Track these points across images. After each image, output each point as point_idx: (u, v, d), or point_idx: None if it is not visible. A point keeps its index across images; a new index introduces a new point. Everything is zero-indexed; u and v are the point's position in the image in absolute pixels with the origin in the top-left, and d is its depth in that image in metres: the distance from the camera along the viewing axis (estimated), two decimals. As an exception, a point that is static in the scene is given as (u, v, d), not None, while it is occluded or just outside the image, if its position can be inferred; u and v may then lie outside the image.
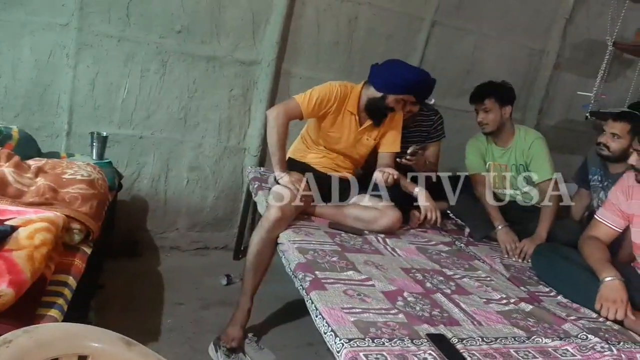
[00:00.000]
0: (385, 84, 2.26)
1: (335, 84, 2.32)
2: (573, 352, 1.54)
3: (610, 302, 1.78)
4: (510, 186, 2.70)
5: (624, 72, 3.90)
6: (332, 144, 2.41)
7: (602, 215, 2.06)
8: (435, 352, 1.38)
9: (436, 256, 2.17)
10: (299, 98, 2.25)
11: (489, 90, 2.55)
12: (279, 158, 2.21)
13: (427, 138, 2.78)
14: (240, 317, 2.06)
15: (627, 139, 2.37)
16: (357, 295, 1.63)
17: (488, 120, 2.55)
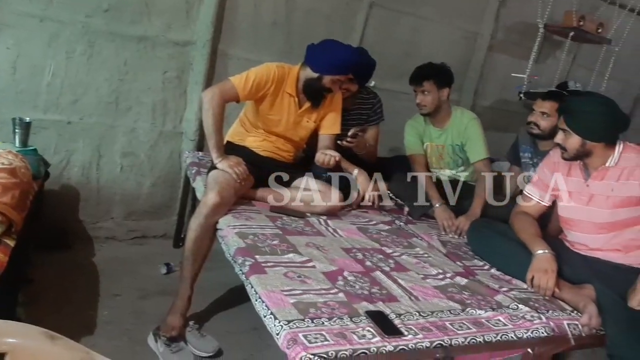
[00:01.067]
0: (321, 64, 2.24)
1: (272, 65, 2.27)
2: (505, 322, 1.61)
3: (542, 273, 1.87)
4: (447, 166, 2.77)
5: (554, 53, 4.08)
6: (271, 127, 2.37)
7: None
8: (374, 328, 1.41)
9: (376, 235, 2.20)
10: (235, 80, 2.19)
11: (428, 72, 2.59)
12: (215, 141, 2.15)
13: (366, 121, 2.79)
14: (180, 305, 2.01)
15: (555, 117, 2.46)
16: (298, 277, 1.63)
17: (426, 102, 2.59)
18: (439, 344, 1.42)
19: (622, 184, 1.83)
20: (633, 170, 1.81)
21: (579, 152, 1.89)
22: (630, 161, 1.83)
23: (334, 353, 1.27)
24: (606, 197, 1.87)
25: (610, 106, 1.87)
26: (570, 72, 4.18)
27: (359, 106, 2.75)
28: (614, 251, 1.91)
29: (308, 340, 1.28)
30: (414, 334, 1.42)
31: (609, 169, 1.87)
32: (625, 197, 1.83)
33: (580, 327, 1.70)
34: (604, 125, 1.84)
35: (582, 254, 1.98)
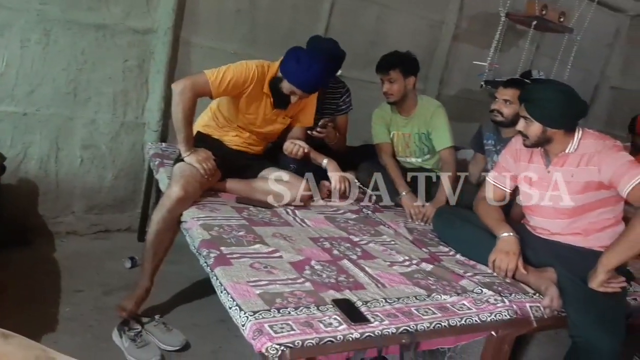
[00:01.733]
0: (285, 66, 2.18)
1: (252, 65, 2.17)
2: (469, 306, 1.63)
3: (503, 255, 1.91)
4: (413, 154, 2.79)
5: (517, 42, 4.14)
6: (247, 125, 2.32)
7: (493, 177, 2.18)
8: (340, 316, 1.41)
9: (344, 224, 2.20)
10: (211, 75, 2.08)
11: (394, 61, 2.58)
12: (185, 136, 2.08)
13: (336, 110, 2.79)
14: (138, 293, 2.00)
15: (517, 104, 2.50)
16: (264, 267, 1.61)
17: (393, 90, 2.60)
18: (405, 330, 1.43)
19: (581, 170, 1.88)
20: (592, 157, 1.85)
21: (540, 139, 1.92)
22: (589, 147, 1.87)
23: (300, 342, 1.26)
24: (566, 183, 1.92)
25: (569, 94, 1.89)
26: (534, 61, 4.26)
27: (329, 96, 2.75)
28: (574, 235, 1.96)
29: (274, 330, 1.27)
30: (380, 321, 1.43)
31: (569, 156, 1.91)
32: (584, 182, 1.87)
33: (542, 309, 1.74)
34: (563, 113, 1.87)
35: (544, 238, 2.03)
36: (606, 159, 1.81)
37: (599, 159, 1.83)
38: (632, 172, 1.74)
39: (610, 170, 1.78)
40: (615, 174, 1.77)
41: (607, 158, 1.81)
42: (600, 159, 1.82)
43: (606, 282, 1.73)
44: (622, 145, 1.90)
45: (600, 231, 1.93)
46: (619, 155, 1.81)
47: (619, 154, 1.82)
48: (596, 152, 1.85)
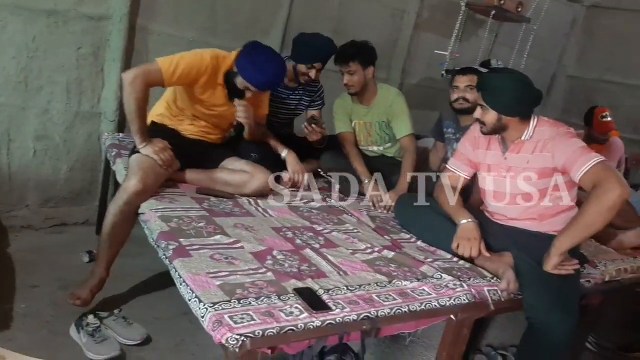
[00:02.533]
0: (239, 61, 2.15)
1: (206, 55, 2.12)
2: (429, 291, 1.66)
3: (465, 241, 1.95)
4: (374, 143, 2.81)
5: (477, 31, 4.20)
6: (201, 114, 2.28)
7: (453, 164, 2.22)
8: (302, 304, 1.41)
9: (307, 213, 2.20)
10: (163, 64, 2.02)
11: (353, 52, 2.57)
12: (138, 126, 2.01)
13: (309, 103, 2.79)
14: (92, 283, 1.97)
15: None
16: (225, 258, 1.60)
17: (353, 82, 2.60)
18: (365, 316, 1.44)
19: (536, 156, 1.93)
20: (546, 143, 1.90)
21: (496, 126, 1.96)
22: (544, 134, 1.92)
23: (261, 332, 1.26)
24: (522, 169, 1.96)
25: (524, 82, 1.94)
26: (493, 50, 4.34)
27: (304, 87, 2.74)
28: (530, 220, 2.02)
29: (234, 321, 1.27)
30: (342, 308, 1.44)
31: (525, 142, 1.96)
32: (539, 168, 1.92)
33: (499, 292, 1.79)
34: (518, 101, 1.91)
35: (501, 223, 2.08)
36: (559, 145, 1.86)
37: (553, 145, 1.87)
38: (584, 157, 1.79)
39: (564, 156, 1.83)
40: (568, 159, 1.82)
41: (560, 144, 1.86)
42: (554, 145, 1.87)
43: (560, 265, 1.78)
44: (575, 132, 1.96)
45: (555, 216, 1.98)
46: (572, 141, 1.86)
47: (572, 140, 1.87)
48: (550, 139, 1.89)
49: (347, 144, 2.72)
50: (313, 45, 2.52)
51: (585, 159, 1.77)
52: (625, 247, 2.57)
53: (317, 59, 2.52)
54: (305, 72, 2.55)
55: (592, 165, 1.75)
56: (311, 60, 2.52)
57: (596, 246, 2.55)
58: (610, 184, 1.67)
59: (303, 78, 2.58)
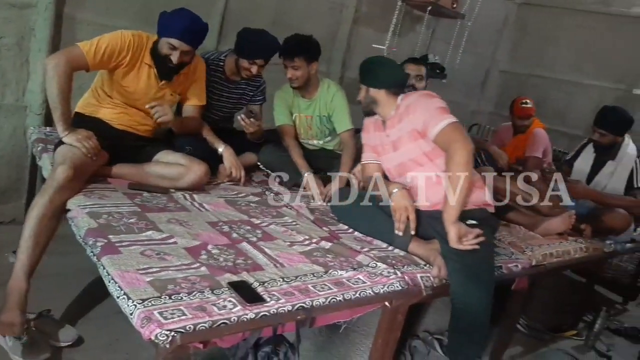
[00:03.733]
0: (160, 25, 2.13)
1: (127, 33, 2.11)
2: (364, 280, 1.69)
3: (402, 210, 2.01)
4: (315, 136, 2.82)
5: (414, 27, 4.30)
6: (130, 100, 2.21)
7: (366, 157, 2.32)
8: (236, 298, 1.40)
9: (245, 207, 2.18)
10: (85, 46, 2.00)
11: (299, 48, 2.57)
12: (61, 113, 1.93)
13: (251, 98, 2.76)
14: (17, 299, 1.72)
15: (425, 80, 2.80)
16: (156, 254, 1.56)
17: (297, 76, 2.60)
18: (300, 307, 1.45)
19: (405, 123, 2.07)
20: (409, 107, 2.06)
21: (367, 99, 2.15)
22: (407, 101, 2.10)
23: (192, 327, 1.24)
24: (400, 139, 2.10)
25: (389, 61, 2.24)
26: (430, 44, 4.45)
27: (246, 82, 2.71)
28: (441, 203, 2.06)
29: (164, 316, 1.24)
30: (277, 300, 1.44)
31: (395, 116, 2.13)
32: (409, 131, 2.05)
33: (431, 278, 1.85)
34: (383, 74, 2.13)
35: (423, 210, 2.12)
36: (419, 106, 2.02)
37: (414, 107, 2.03)
38: (440, 117, 1.93)
39: (422, 116, 1.98)
40: (427, 118, 1.96)
41: (419, 106, 2.02)
42: (414, 107, 2.03)
43: (463, 238, 1.83)
44: (435, 94, 2.09)
45: None
46: (431, 101, 2.02)
47: (430, 100, 2.02)
48: (411, 103, 2.05)
49: (287, 137, 2.72)
50: (257, 42, 2.50)
51: (440, 119, 1.92)
52: (552, 233, 2.70)
53: (260, 55, 2.50)
54: (247, 67, 2.52)
55: (445, 125, 1.90)
56: (254, 57, 2.50)
57: (524, 232, 2.68)
58: (458, 143, 1.85)
59: (245, 73, 2.55)
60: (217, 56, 2.65)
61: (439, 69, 4.08)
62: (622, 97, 4.17)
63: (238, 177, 2.40)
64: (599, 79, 4.50)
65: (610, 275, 3.88)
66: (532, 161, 3.52)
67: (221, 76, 2.62)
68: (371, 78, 2.14)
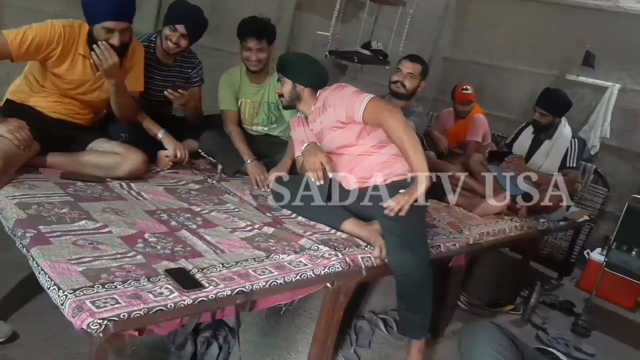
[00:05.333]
0: (88, 14, 2.01)
1: (57, 24, 1.98)
2: (305, 263, 1.71)
3: (312, 156, 2.11)
4: (260, 123, 2.80)
5: (358, 13, 4.32)
6: (65, 92, 2.12)
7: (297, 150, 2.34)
8: (173, 284, 1.38)
9: (185, 195, 2.15)
10: (10, 35, 1.88)
11: (264, 29, 2.53)
12: None
13: (187, 80, 2.68)
14: None
15: (419, 79, 2.80)
16: (90, 244, 1.52)
17: (261, 58, 2.56)
18: (240, 291, 1.46)
19: (325, 116, 2.15)
20: (326, 101, 2.15)
21: (292, 95, 2.22)
22: (324, 95, 2.19)
23: (127, 314, 1.22)
24: (322, 130, 2.18)
25: (312, 59, 2.29)
26: (373, 32, 4.49)
27: (180, 64, 2.64)
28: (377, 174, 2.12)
29: (96, 305, 1.22)
30: (215, 285, 1.44)
31: (315, 110, 2.22)
32: (331, 124, 2.12)
33: (373, 259, 1.89)
34: (308, 71, 2.21)
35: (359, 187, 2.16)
36: (335, 98, 2.10)
37: (331, 101, 2.12)
38: (358, 100, 2.01)
39: (342, 105, 2.05)
40: (347, 107, 2.04)
41: (336, 97, 2.10)
42: (332, 100, 2.12)
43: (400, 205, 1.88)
44: (345, 84, 2.18)
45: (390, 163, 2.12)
46: (345, 90, 2.11)
47: (344, 90, 2.11)
48: (327, 97, 2.14)
49: (230, 123, 2.68)
50: (178, 7, 2.44)
51: (360, 101, 2.00)
52: (489, 213, 2.83)
53: (180, 20, 2.39)
54: (169, 34, 2.41)
55: (367, 103, 1.98)
56: (174, 21, 2.40)
57: (463, 213, 2.78)
58: (386, 112, 1.95)
59: (166, 44, 2.44)
60: (148, 37, 2.55)
61: (382, 55, 4.12)
62: (556, 82, 4.35)
63: (183, 157, 2.38)
64: (534, 65, 4.68)
65: (546, 252, 4.11)
66: (472, 145, 3.65)
67: (152, 58, 2.53)
68: (299, 75, 2.21)
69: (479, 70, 4.98)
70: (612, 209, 4.12)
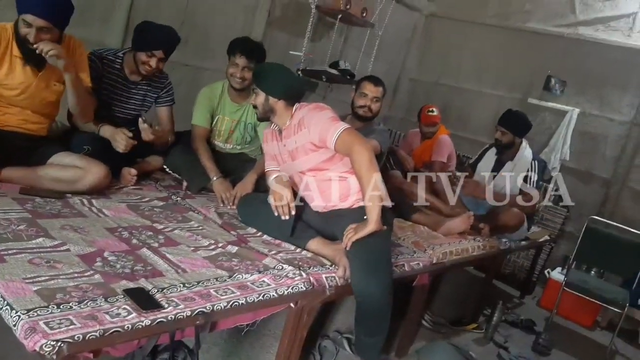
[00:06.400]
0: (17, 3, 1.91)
1: None
2: (269, 282, 1.70)
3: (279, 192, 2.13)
4: (234, 141, 2.78)
5: (328, 33, 4.37)
6: (11, 99, 2.05)
7: (267, 164, 2.35)
8: (131, 305, 1.36)
9: (148, 212, 2.12)
10: None
11: (257, 50, 2.55)
12: None
13: (156, 99, 2.62)
14: None
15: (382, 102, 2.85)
16: (46, 262, 1.48)
17: (247, 77, 2.55)
18: (200, 312, 1.43)
19: (299, 136, 2.11)
20: (302, 121, 2.11)
21: (265, 107, 2.16)
22: (300, 114, 2.14)
23: (82, 336, 1.19)
24: (296, 150, 2.14)
25: (288, 71, 2.23)
26: (343, 51, 4.55)
27: (149, 83, 2.57)
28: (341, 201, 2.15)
29: (50, 327, 1.18)
30: (175, 305, 1.41)
31: (290, 127, 2.15)
32: (304, 145, 2.10)
33: (337, 278, 1.90)
34: (283, 84, 2.15)
35: (325, 212, 2.19)
36: (312, 120, 2.07)
37: (307, 121, 2.08)
38: (335, 125, 2.01)
39: (317, 129, 2.04)
40: (322, 131, 2.02)
41: (312, 119, 2.07)
42: (308, 120, 2.08)
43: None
44: (325, 106, 2.17)
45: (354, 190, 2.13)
46: (322, 113, 2.09)
47: (322, 113, 2.09)
48: (304, 116, 2.10)
49: (199, 140, 2.64)
50: (154, 32, 2.38)
51: (334, 129, 1.99)
52: (453, 232, 2.87)
53: (159, 46, 2.37)
54: (146, 60, 2.38)
55: (341, 132, 1.98)
56: (152, 47, 2.36)
57: (428, 232, 2.82)
58: (357, 146, 1.93)
59: (144, 68, 2.40)
60: (114, 53, 2.49)
61: (349, 75, 4.19)
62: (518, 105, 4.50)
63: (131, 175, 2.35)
64: (498, 88, 4.83)
65: (508, 271, 4.20)
66: (438, 165, 3.72)
67: (119, 74, 2.47)
68: (272, 86, 2.13)
69: (445, 92, 5.10)
70: (571, 229, 4.25)
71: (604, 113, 4.27)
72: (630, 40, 4.12)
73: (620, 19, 4.18)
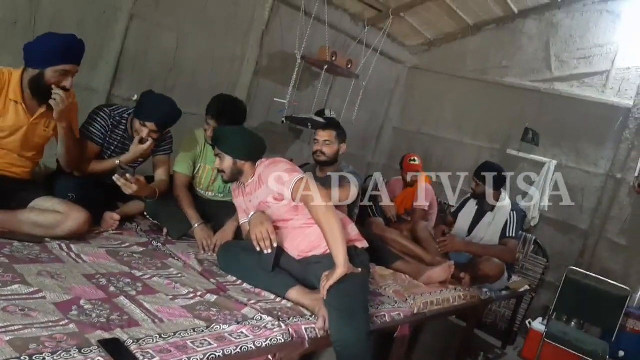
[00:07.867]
0: (40, 57, 2.02)
1: None
2: (247, 334, 1.68)
3: (259, 227, 2.09)
4: (216, 190, 2.80)
5: (313, 82, 4.49)
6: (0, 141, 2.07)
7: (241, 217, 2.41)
8: (105, 357, 1.33)
9: (127, 258, 2.09)
10: None
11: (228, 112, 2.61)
12: None
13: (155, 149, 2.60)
14: None
15: (337, 144, 2.87)
16: (21, 310, 1.45)
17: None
18: (175, 365, 1.41)
19: (261, 191, 2.20)
20: (262, 176, 2.21)
21: (234, 170, 2.25)
22: (260, 170, 2.25)
23: (52, 391, 1.16)
24: (259, 204, 2.21)
25: (251, 133, 2.36)
26: (328, 100, 4.66)
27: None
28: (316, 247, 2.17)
29: (20, 380, 1.15)
30: (150, 358, 1.39)
31: (253, 183, 2.26)
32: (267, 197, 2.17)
33: (317, 330, 1.88)
34: (249, 145, 2.26)
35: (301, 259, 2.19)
36: (269, 175, 2.16)
37: (265, 177, 2.18)
38: (290, 177, 2.08)
39: (275, 184, 2.12)
40: (278, 184, 2.11)
41: (270, 174, 2.16)
42: (265, 176, 2.17)
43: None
44: (281, 159, 2.26)
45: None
46: (278, 167, 2.17)
47: (278, 166, 2.18)
48: (262, 172, 2.20)
49: (180, 187, 2.64)
50: (152, 104, 2.41)
51: (290, 179, 2.08)
52: (434, 282, 2.88)
53: (151, 119, 2.38)
54: (138, 128, 2.40)
55: (294, 183, 2.05)
56: (145, 118, 2.38)
57: (409, 281, 2.82)
58: (310, 197, 2.00)
59: (135, 134, 2.42)
60: (122, 112, 2.52)
61: (335, 123, 4.29)
62: (498, 156, 4.62)
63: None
64: (477, 138, 4.96)
65: (490, 321, 4.18)
66: (419, 212, 3.77)
67: (123, 129, 2.51)
68: (239, 149, 2.23)
69: (426, 140, 5.23)
70: (551, 279, 4.28)
71: (580, 165, 4.39)
72: (604, 96, 4.29)
73: (594, 75, 4.37)
